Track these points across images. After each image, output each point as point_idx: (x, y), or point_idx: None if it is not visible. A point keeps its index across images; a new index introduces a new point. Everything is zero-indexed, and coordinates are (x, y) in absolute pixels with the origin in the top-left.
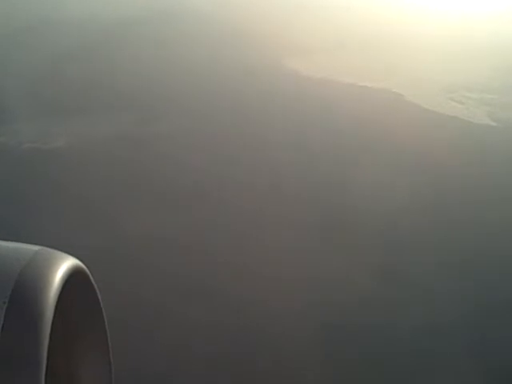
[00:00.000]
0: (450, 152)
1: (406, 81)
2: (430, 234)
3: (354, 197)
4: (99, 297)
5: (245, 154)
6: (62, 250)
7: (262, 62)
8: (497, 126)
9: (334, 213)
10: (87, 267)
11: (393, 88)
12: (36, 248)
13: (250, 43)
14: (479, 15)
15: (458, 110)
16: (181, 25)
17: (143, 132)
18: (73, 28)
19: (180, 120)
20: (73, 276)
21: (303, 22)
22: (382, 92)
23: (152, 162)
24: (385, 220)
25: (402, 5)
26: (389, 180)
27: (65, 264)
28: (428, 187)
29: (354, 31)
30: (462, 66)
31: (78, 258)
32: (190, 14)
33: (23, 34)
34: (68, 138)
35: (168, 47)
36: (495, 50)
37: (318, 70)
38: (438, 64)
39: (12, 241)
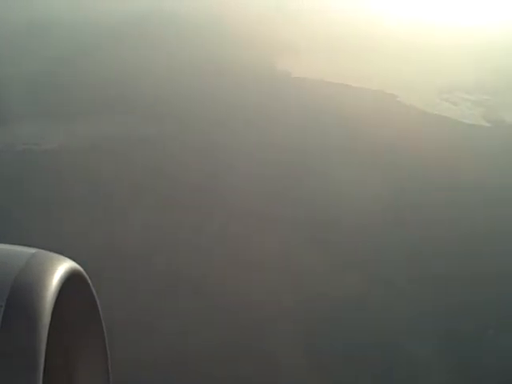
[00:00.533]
0: (441, 153)
1: (401, 82)
2: (423, 234)
3: (347, 197)
4: (97, 300)
5: (237, 154)
6: (58, 252)
7: (254, 63)
8: (490, 127)
9: (328, 214)
10: (85, 270)
11: (387, 89)
12: (33, 251)
13: (243, 44)
14: (474, 17)
15: (451, 111)
16: (171, 26)
17: (135, 134)
18: (69, 29)
19: (168, 122)
20: (70, 279)
21: (296, 24)
22: (376, 93)
23: (148, 163)
24: (376, 219)
25: (398, 7)
26: (381, 180)
27: (62, 267)
28: (419, 187)
29: (347, 32)
30: (458, 68)
31: (74, 260)
32: (180, 15)
33: (22, 35)
34: (63, 140)
35: (159, 48)
36: (492, 51)
37: (311, 71)
38: (433, 65)
39: (8, 243)
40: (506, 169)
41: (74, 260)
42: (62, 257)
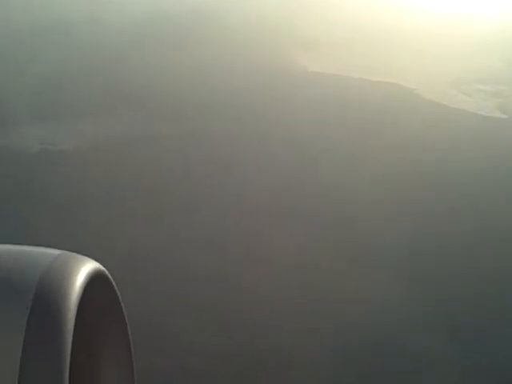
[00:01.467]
0: (454, 145)
1: (416, 75)
2: (440, 232)
3: (361, 191)
4: (121, 301)
5: (253, 149)
6: (83, 254)
7: (269, 58)
8: (508, 119)
9: (340, 208)
10: (109, 271)
11: (402, 82)
12: (57, 252)
13: (257, 39)
14: (488, 6)
15: (467, 102)
16: (184, 23)
17: (149, 133)
18: (74, 30)
19: (187, 120)
20: (94, 280)
21: (309, 17)
22: (392, 86)
23: (158, 164)
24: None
25: (407, 3)
26: (394, 173)
27: (86, 268)
28: (431, 180)
29: (363, 26)
30: (473, 59)
31: (99, 261)
32: (193, 12)
33: (26, 36)
34: (75, 140)
35: (172, 46)
36: (506, 40)
37: (326, 64)
38: (448, 57)
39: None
40: None
41: (98, 261)
42: (86, 258)
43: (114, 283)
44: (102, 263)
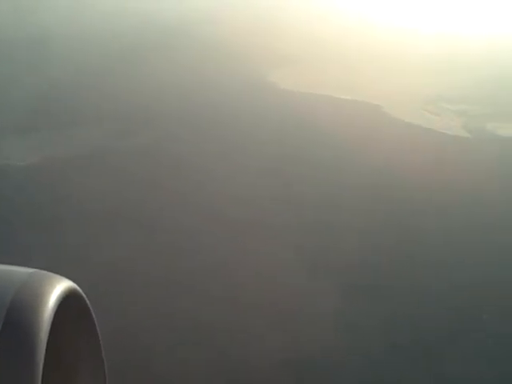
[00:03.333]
0: (422, 163)
1: (384, 93)
2: (399, 246)
3: (328, 206)
4: (95, 319)
5: (224, 164)
6: (56, 272)
7: (240, 74)
8: (469, 138)
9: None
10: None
11: (372, 100)
12: (30, 270)
13: (231, 55)
14: (459, 27)
15: (433, 121)
16: (160, 38)
17: (123, 145)
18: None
19: (155, 134)
20: (68, 298)
21: (282, 34)
22: (361, 104)
23: (135, 176)
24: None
25: (383, 19)
26: (363, 190)
27: (59, 286)
28: (395, 197)
29: (334, 43)
30: (443, 78)
31: (73, 280)
32: (170, 27)
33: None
34: (46, 153)
35: (148, 60)
36: (477, 62)
37: (297, 82)
38: (418, 76)
39: (5, 263)
40: (483, 179)
41: (70, 279)
42: (59, 276)
43: (87, 301)
44: (75, 280)
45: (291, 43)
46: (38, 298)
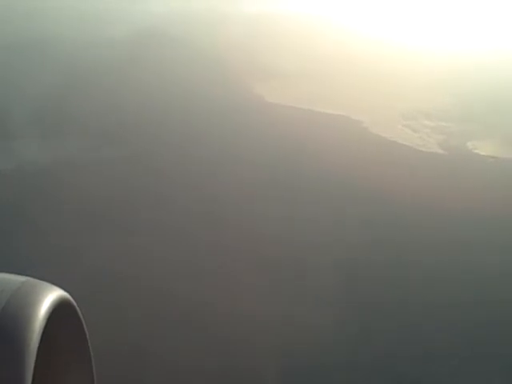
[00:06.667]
0: (392, 179)
1: (365, 109)
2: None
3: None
4: (85, 327)
5: (207, 176)
6: (48, 281)
7: (228, 87)
8: (444, 155)
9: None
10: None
11: (354, 115)
12: (22, 279)
13: (220, 68)
14: (440, 44)
15: (411, 137)
16: (147, 50)
17: (99, 157)
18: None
19: (139, 145)
20: (59, 307)
21: (271, 49)
22: (341, 119)
23: (107, 187)
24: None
25: (369, 36)
26: (341, 206)
27: (51, 295)
28: (370, 212)
29: (321, 58)
30: (425, 95)
31: (64, 288)
32: (157, 39)
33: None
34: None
35: (132, 72)
36: (456, 78)
37: (283, 95)
38: (401, 92)
39: None
40: (453, 195)
41: (62, 288)
42: (51, 285)
43: (78, 310)
44: (66, 289)
45: (280, 57)
46: (29, 306)
